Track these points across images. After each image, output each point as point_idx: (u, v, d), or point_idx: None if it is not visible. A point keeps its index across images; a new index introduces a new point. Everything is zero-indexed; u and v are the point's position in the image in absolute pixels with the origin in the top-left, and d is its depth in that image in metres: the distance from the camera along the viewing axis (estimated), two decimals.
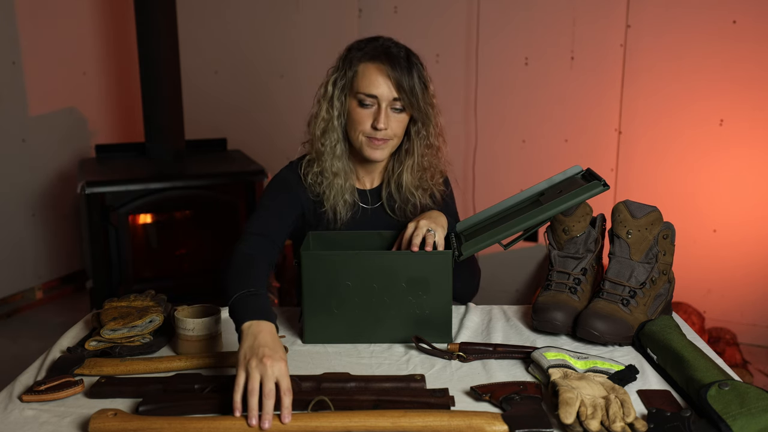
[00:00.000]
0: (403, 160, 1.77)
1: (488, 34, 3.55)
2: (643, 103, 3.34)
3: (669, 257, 1.58)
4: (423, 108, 1.68)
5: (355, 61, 1.68)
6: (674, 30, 3.22)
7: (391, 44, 1.70)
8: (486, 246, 1.63)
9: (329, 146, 1.72)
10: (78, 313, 3.43)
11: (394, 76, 1.64)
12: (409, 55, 1.69)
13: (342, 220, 1.76)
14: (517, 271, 3.70)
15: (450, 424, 1.17)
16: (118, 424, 1.18)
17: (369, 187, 1.83)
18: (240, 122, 4.18)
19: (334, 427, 1.18)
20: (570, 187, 1.66)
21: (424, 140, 1.74)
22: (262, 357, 1.22)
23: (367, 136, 1.68)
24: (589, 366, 1.35)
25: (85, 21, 4.09)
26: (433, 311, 1.53)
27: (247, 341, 1.28)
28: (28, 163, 3.80)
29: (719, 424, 1.14)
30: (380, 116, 1.65)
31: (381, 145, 1.69)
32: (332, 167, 1.73)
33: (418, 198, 1.78)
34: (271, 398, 1.19)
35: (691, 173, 3.31)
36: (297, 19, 3.98)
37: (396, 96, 1.65)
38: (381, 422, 1.18)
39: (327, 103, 1.71)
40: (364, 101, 1.66)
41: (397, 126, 1.69)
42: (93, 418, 1.19)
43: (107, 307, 1.61)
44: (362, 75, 1.66)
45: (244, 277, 1.45)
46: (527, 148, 3.60)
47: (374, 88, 1.65)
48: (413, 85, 1.65)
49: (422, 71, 1.69)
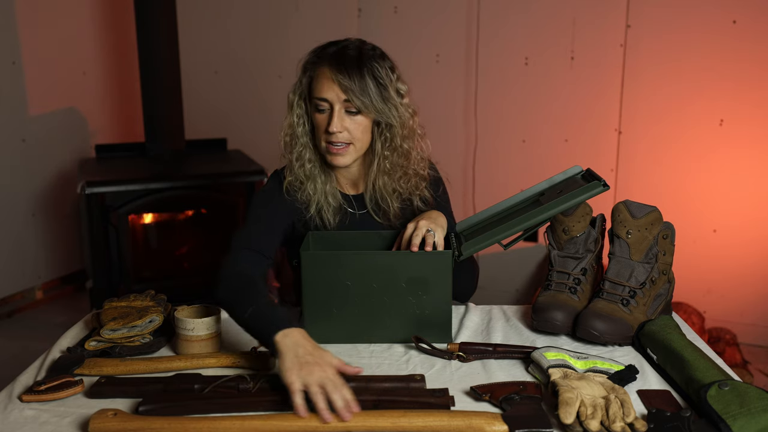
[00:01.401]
0: (371, 164, 1.73)
1: (488, 34, 3.55)
2: (643, 103, 3.34)
3: (669, 257, 1.58)
4: (380, 108, 1.63)
5: (309, 66, 1.67)
6: (674, 30, 3.22)
7: (347, 46, 1.66)
8: (486, 246, 1.63)
9: (297, 153, 1.71)
10: (78, 313, 3.43)
11: (340, 79, 1.60)
12: (362, 55, 1.64)
13: (330, 224, 1.74)
14: (517, 271, 3.70)
15: (450, 424, 1.18)
16: (117, 424, 1.18)
17: (354, 193, 1.80)
18: (240, 122, 4.18)
19: (333, 427, 1.18)
20: (570, 187, 1.66)
21: (387, 142, 1.68)
22: (313, 365, 1.26)
23: (326, 141, 1.66)
24: (589, 366, 1.35)
25: (85, 21, 4.08)
26: (433, 311, 1.53)
27: (288, 356, 1.29)
28: (28, 163, 3.80)
29: (719, 424, 1.14)
30: (332, 120, 1.62)
31: (341, 151, 1.65)
32: (303, 172, 1.71)
33: (392, 203, 1.74)
34: (337, 393, 1.22)
35: (691, 173, 3.31)
36: (296, 19, 3.98)
37: (346, 98, 1.61)
38: (381, 422, 1.18)
39: (290, 112, 1.70)
40: (318, 106, 1.64)
41: (355, 129, 1.64)
42: (93, 418, 1.19)
43: (107, 307, 1.61)
44: (315, 80, 1.65)
45: (250, 291, 1.46)
46: (527, 148, 3.60)
47: (324, 91, 1.62)
48: (364, 86, 1.61)
49: (378, 71, 1.63)
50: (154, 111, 3.54)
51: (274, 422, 1.19)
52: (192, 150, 3.73)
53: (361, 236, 1.71)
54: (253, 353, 1.45)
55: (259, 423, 1.19)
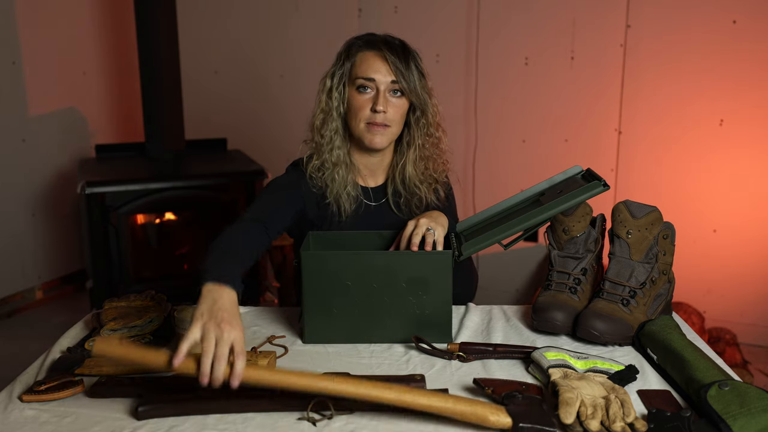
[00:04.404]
0: (405, 151, 1.79)
1: (488, 34, 3.55)
2: (643, 103, 3.34)
3: (669, 257, 1.58)
4: (421, 94, 1.72)
5: (354, 50, 1.73)
6: (674, 30, 3.22)
7: (388, 36, 1.75)
8: (486, 246, 1.63)
9: (328, 137, 1.75)
10: (78, 313, 3.43)
11: (392, 60, 1.68)
12: (406, 45, 1.74)
13: (346, 212, 1.77)
14: (517, 271, 3.70)
15: (454, 408, 1.17)
16: (122, 349, 1.22)
17: (373, 185, 1.84)
18: (240, 122, 4.18)
19: (340, 389, 1.18)
20: (570, 187, 1.66)
21: (424, 128, 1.77)
22: (220, 321, 1.23)
23: (367, 122, 1.70)
24: (589, 366, 1.35)
25: (85, 21, 4.09)
26: (433, 311, 1.53)
27: (205, 303, 1.27)
28: (28, 163, 3.80)
29: (719, 424, 1.14)
30: (379, 98, 1.68)
31: (381, 130, 1.71)
32: (332, 157, 1.75)
33: (423, 192, 1.80)
34: (222, 362, 1.19)
35: (691, 173, 3.31)
36: (297, 19, 3.98)
37: (394, 79, 1.69)
38: (386, 394, 1.18)
39: (326, 95, 1.75)
40: (363, 86, 1.70)
41: (395, 111, 1.71)
42: (98, 341, 1.23)
43: (107, 307, 1.61)
44: (360, 61, 1.71)
45: (227, 245, 1.47)
46: (527, 148, 3.60)
47: (372, 71, 1.69)
48: (410, 70, 1.70)
49: (419, 61, 1.74)
50: (154, 111, 3.54)
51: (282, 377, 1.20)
52: (192, 150, 3.73)
53: (361, 236, 1.71)
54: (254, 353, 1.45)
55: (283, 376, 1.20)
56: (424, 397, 1.18)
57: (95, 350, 1.22)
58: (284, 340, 1.57)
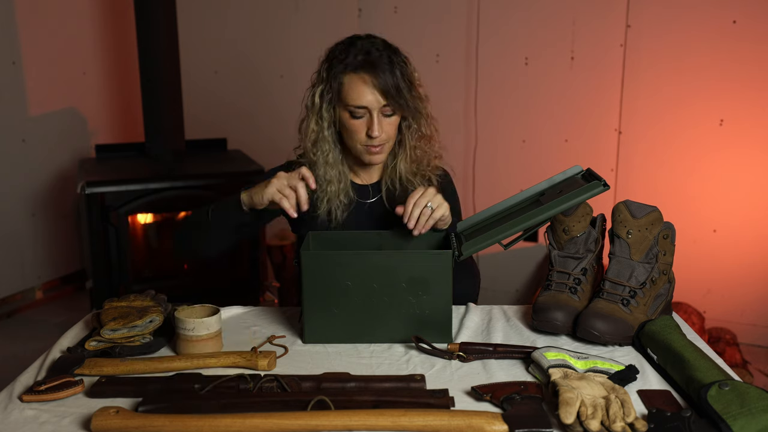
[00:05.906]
0: (397, 153, 1.81)
1: (488, 34, 3.55)
2: (643, 103, 3.34)
3: (669, 257, 1.58)
4: (411, 105, 1.71)
5: (339, 74, 1.69)
6: (674, 30, 3.22)
7: (371, 48, 1.69)
8: (486, 246, 1.63)
9: (321, 157, 1.76)
10: (78, 313, 3.43)
11: (379, 84, 1.66)
12: (390, 54, 1.69)
13: (337, 221, 1.80)
14: (517, 271, 3.70)
15: (450, 424, 1.17)
16: (119, 421, 1.19)
17: (368, 182, 1.86)
18: (240, 122, 4.19)
19: (334, 425, 1.18)
20: (570, 187, 1.66)
21: (415, 133, 1.78)
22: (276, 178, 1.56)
23: (364, 144, 1.72)
24: (589, 366, 1.35)
25: (85, 21, 4.09)
26: (433, 311, 1.53)
27: (258, 186, 1.60)
28: (28, 163, 3.80)
29: (719, 424, 1.14)
30: (373, 125, 1.68)
31: (379, 149, 1.73)
32: (326, 175, 1.77)
33: (416, 184, 1.81)
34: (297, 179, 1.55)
35: (691, 173, 3.31)
36: (296, 19, 3.98)
37: (384, 103, 1.68)
38: (381, 421, 1.18)
39: (316, 116, 1.74)
40: (355, 113, 1.69)
41: (390, 129, 1.73)
42: (95, 416, 1.20)
43: (107, 307, 1.61)
44: (348, 87, 1.68)
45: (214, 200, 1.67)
46: (527, 148, 3.60)
47: (362, 99, 1.68)
48: (399, 86, 1.67)
49: (405, 67, 1.71)
50: (154, 111, 3.54)
51: (274, 420, 1.19)
52: (192, 150, 3.73)
53: (361, 236, 1.72)
54: (254, 353, 1.45)
55: (260, 421, 1.19)
56: (420, 417, 1.18)
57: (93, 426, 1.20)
58: (284, 340, 1.57)
